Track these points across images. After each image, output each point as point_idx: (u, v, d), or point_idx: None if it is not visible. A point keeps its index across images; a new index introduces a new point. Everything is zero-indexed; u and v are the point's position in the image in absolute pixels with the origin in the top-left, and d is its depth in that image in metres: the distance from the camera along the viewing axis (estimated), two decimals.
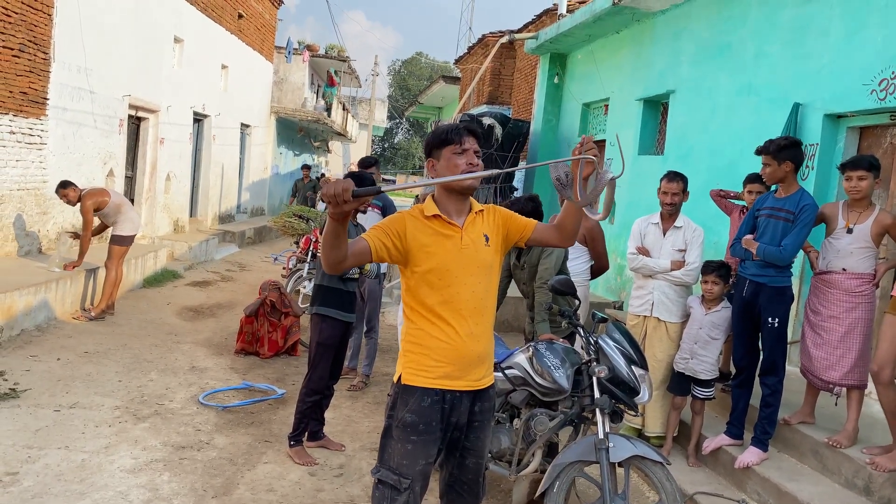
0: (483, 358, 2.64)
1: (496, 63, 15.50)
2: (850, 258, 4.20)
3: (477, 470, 2.75)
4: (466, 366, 2.59)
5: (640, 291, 4.96)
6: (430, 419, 2.57)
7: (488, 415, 2.73)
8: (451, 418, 2.62)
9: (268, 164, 20.48)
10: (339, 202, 2.11)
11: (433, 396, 2.58)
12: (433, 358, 2.58)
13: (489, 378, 2.70)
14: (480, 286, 2.61)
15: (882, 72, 5.15)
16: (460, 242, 2.58)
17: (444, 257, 2.56)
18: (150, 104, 11.36)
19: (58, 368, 5.76)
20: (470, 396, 2.65)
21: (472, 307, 2.58)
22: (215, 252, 13.06)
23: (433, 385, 2.58)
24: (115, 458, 4.23)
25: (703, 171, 7.19)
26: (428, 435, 2.58)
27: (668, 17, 8.32)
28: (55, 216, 8.79)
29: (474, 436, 2.69)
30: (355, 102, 38.26)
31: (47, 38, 8.25)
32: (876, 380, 3.96)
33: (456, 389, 2.60)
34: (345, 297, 4.59)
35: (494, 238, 2.67)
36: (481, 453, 2.74)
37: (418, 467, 2.58)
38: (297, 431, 4.55)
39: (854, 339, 4.20)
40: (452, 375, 2.58)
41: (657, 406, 4.84)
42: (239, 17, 15.80)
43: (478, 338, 2.60)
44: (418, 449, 2.58)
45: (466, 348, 2.58)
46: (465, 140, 2.59)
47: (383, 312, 8.10)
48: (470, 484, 2.76)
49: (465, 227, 2.61)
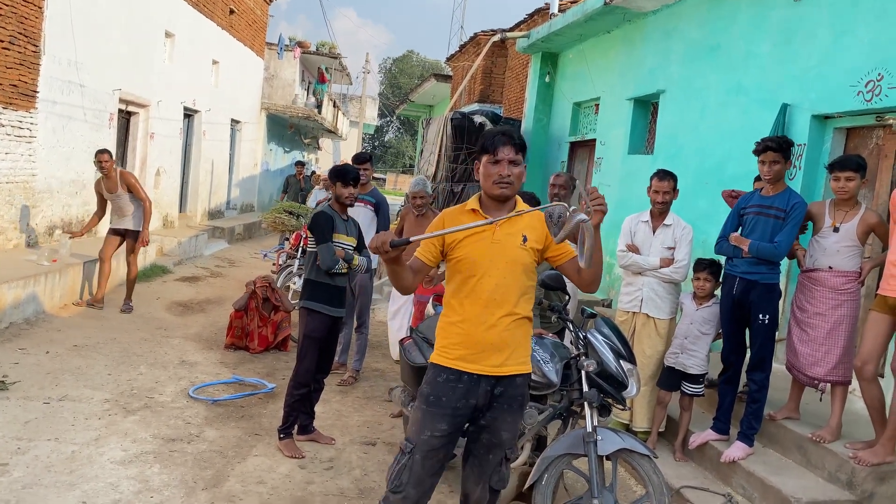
0: (500, 347, 2.78)
1: (488, 61, 15.53)
2: (836, 256, 4.27)
3: (492, 447, 2.85)
4: (480, 352, 2.77)
5: (629, 288, 5.01)
6: (442, 395, 2.79)
7: (511, 400, 2.84)
8: (469, 400, 2.80)
9: (258, 161, 20.43)
10: (382, 252, 2.54)
11: (449, 375, 2.80)
12: (451, 341, 2.82)
13: (514, 367, 2.82)
14: (506, 280, 2.75)
15: (868, 74, 5.22)
16: (492, 236, 2.77)
17: (473, 248, 2.77)
18: (141, 99, 11.33)
19: (47, 361, 5.75)
20: (490, 381, 2.80)
21: (493, 298, 2.75)
22: (205, 248, 13.03)
23: (449, 364, 2.81)
24: (105, 450, 4.24)
25: (693, 171, 7.25)
26: (437, 408, 2.79)
27: (658, 17, 8.37)
28: (44, 210, 8.76)
29: (492, 415, 2.83)
30: (346, 100, 38.19)
31: (37, 30, 8.22)
32: (859, 375, 4.02)
33: (473, 372, 2.78)
34: (333, 291, 4.61)
35: (533, 240, 2.79)
36: (498, 433, 2.84)
37: (423, 436, 2.79)
38: (286, 424, 4.58)
39: (839, 335, 4.26)
40: (467, 359, 2.78)
41: (645, 401, 4.89)
42: (230, 13, 15.76)
43: (492, 326, 2.76)
44: (426, 419, 2.80)
45: (480, 335, 2.76)
46: (499, 150, 2.75)
47: (374, 308, 8.13)
48: (484, 462, 2.86)
49: (501, 223, 2.77)
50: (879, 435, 4.00)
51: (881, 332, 3.96)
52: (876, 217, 4.25)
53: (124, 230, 7.89)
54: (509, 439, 2.87)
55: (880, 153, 5.33)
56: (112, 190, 7.80)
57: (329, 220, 4.61)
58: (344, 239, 4.67)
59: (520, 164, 2.79)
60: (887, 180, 5.20)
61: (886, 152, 5.27)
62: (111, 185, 7.81)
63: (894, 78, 5.00)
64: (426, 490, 2.85)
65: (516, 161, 2.77)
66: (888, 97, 5.04)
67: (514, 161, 2.76)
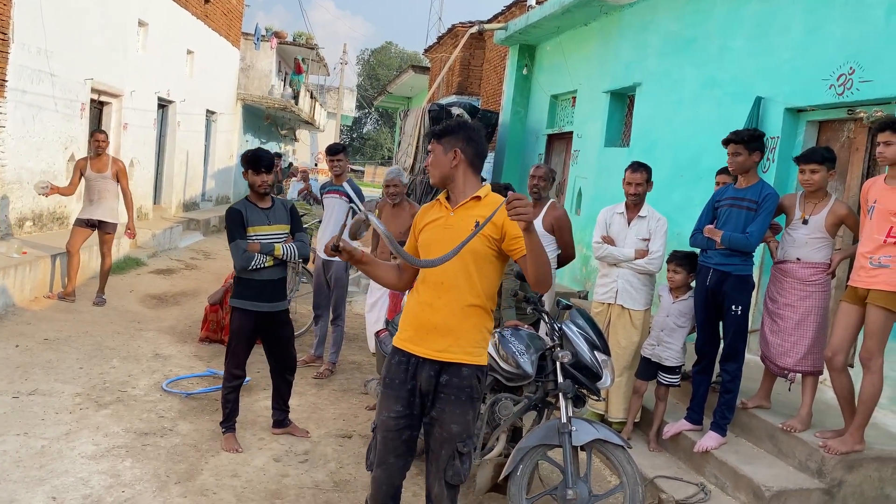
0: (442, 331, 2.79)
1: (465, 53, 15.49)
2: (804, 248, 4.33)
3: (443, 442, 2.82)
4: (424, 333, 2.82)
5: (604, 279, 5.04)
6: (395, 377, 2.88)
7: (457, 391, 2.80)
8: (416, 382, 2.83)
9: (234, 152, 20.21)
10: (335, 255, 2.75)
11: (400, 356, 2.89)
12: (405, 321, 2.93)
13: (459, 355, 2.80)
14: (454, 265, 2.73)
15: (840, 67, 5.28)
16: (445, 222, 2.86)
17: (430, 234, 2.90)
18: (114, 88, 11.14)
19: (16, 355, 5.65)
20: (434, 367, 2.81)
21: (440, 281, 2.79)
22: (179, 240, 12.87)
23: (400, 345, 2.91)
24: (76, 444, 4.18)
25: (668, 163, 7.30)
26: (392, 390, 2.87)
27: (635, 9, 8.40)
28: (14, 201, 8.59)
29: (440, 407, 2.83)
30: (323, 91, 37.93)
31: (6, 18, 8.03)
32: (829, 365, 4.08)
33: (418, 354, 2.84)
34: (261, 286, 4.44)
35: (488, 227, 2.74)
36: (447, 426, 2.81)
37: (382, 417, 2.89)
38: (223, 418, 4.50)
39: (808, 326, 4.33)
40: (414, 340, 2.86)
41: (620, 392, 4.93)
42: (205, 2, 15.54)
43: (436, 310, 2.79)
44: (384, 400, 2.90)
45: (424, 316, 2.83)
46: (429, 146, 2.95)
47: (350, 301, 8.10)
48: (437, 456, 2.84)
49: (457, 210, 2.86)
50: (849, 424, 4.07)
51: (851, 322, 4.02)
52: (845, 208, 4.30)
53: (98, 221, 7.70)
54: (459, 433, 2.81)
55: (851, 146, 5.40)
56: (101, 170, 7.67)
57: (236, 217, 4.40)
58: (266, 230, 4.45)
59: (432, 152, 2.90)
60: (858, 173, 5.27)
61: (857, 145, 5.34)
62: (100, 165, 7.69)
63: (865, 72, 5.06)
64: (393, 472, 2.89)
65: (431, 150, 2.91)
66: (859, 91, 5.10)
67: (431, 150, 2.91)
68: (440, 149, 2.87)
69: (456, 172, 2.87)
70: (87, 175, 7.71)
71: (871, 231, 3.90)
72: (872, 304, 3.86)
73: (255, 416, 4.96)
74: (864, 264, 3.91)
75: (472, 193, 2.86)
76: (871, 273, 3.87)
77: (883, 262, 3.83)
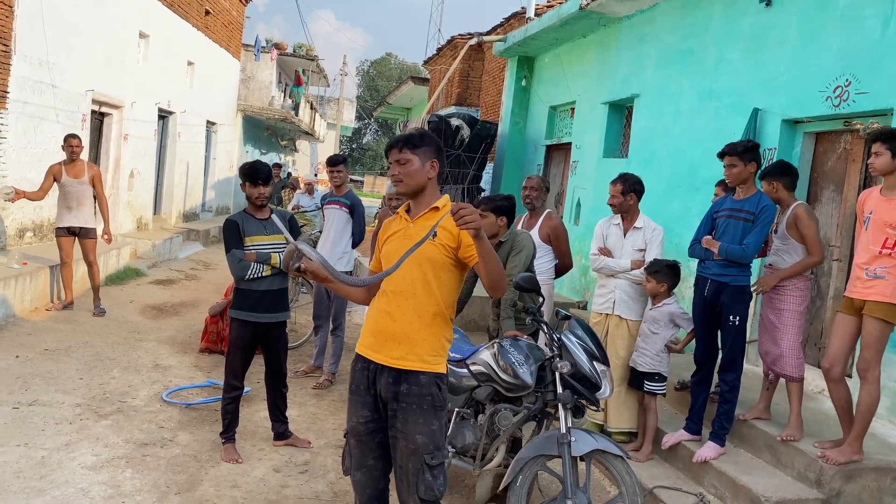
0: (399, 339, 2.81)
1: (465, 65, 15.58)
2: (775, 255, 4.54)
3: (409, 455, 2.78)
4: (383, 340, 2.84)
5: (602, 290, 5.07)
6: (359, 383, 2.92)
7: (417, 399, 2.78)
8: (377, 388, 2.88)
9: (234, 163, 20.27)
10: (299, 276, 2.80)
11: (361, 362, 2.93)
12: (365, 329, 2.95)
13: (416, 363, 2.80)
14: (412, 273, 2.79)
15: (836, 79, 5.33)
16: (405, 233, 2.90)
17: (391, 244, 2.94)
18: (115, 100, 11.20)
19: (16, 366, 5.66)
20: (392, 374, 2.82)
21: (397, 290, 2.82)
22: (179, 250, 12.91)
23: (361, 352, 2.93)
24: (76, 455, 4.19)
25: (666, 174, 7.34)
26: (357, 396, 2.92)
27: (633, 22, 8.47)
28: (14, 211, 8.62)
29: (402, 417, 2.81)
30: (323, 102, 38.04)
31: (8, 30, 8.09)
32: (827, 376, 4.10)
33: (377, 361, 2.86)
34: (257, 297, 4.46)
35: (443, 235, 2.78)
36: (411, 437, 2.77)
37: (352, 422, 2.94)
38: (223, 428, 4.52)
39: (785, 331, 4.47)
40: (373, 347, 2.88)
41: (619, 402, 4.94)
42: (206, 14, 15.64)
43: (395, 318, 2.82)
44: (352, 406, 2.95)
45: (383, 323, 2.85)
46: (389, 155, 2.94)
47: (350, 311, 8.11)
48: (406, 471, 2.80)
49: (416, 221, 2.89)
50: (847, 434, 4.08)
51: (847, 333, 4.04)
52: (801, 209, 4.41)
53: (78, 228, 7.60)
54: (426, 444, 2.76)
55: (848, 157, 5.44)
56: (77, 176, 7.55)
57: (232, 228, 4.45)
58: (263, 240, 4.49)
59: (407, 161, 2.85)
60: (856, 184, 5.31)
61: (854, 156, 5.38)
62: (77, 171, 7.56)
63: (861, 84, 5.11)
64: (374, 474, 2.93)
65: (401, 160, 2.86)
66: (855, 102, 5.14)
67: (399, 160, 2.87)
68: (417, 159, 2.84)
69: (429, 184, 2.89)
70: (63, 181, 7.54)
71: (867, 242, 3.93)
72: (869, 316, 3.88)
73: (255, 427, 4.97)
74: (860, 275, 3.94)
75: (432, 204, 2.89)
76: (868, 284, 3.89)
77: (878, 272, 3.85)
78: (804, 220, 4.36)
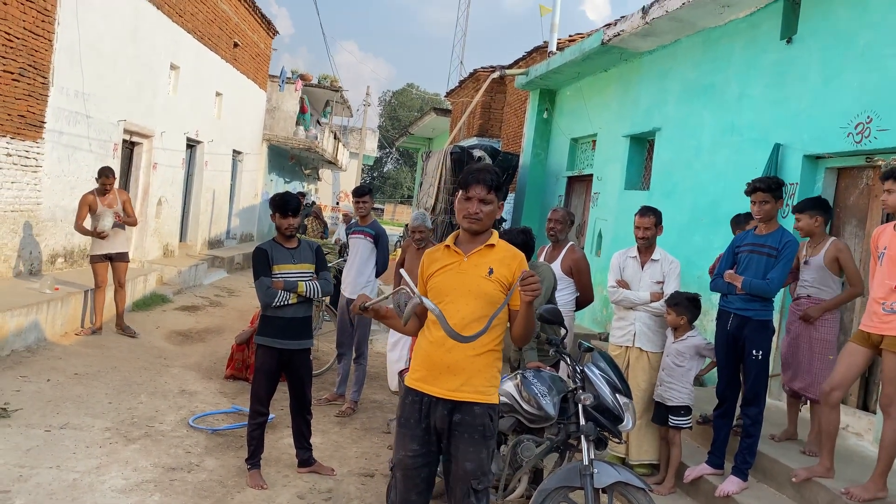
0: (455, 371, 2.88)
1: (486, 97, 15.78)
2: (812, 287, 4.74)
3: (458, 479, 2.90)
4: (437, 374, 2.90)
5: (621, 322, 5.11)
6: (410, 416, 2.97)
7: (470, 429, 2.89)
8: (430, 420, 2.92)
9: (258, 191, 20.59)
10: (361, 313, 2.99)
11: (413, 396, 2.98)
12: (417, 361, 3.01)
13: (470, 394, 2.90)
14: (467, 308, 2.88)
15: (858, 116, 5.37)
16: (459, 267, 2.95)
17: (444, 279, 2.97)
18: (145, 129, 11.49)
19: (48, 389, 5.79)
20: (447, 406, 2.90)
21: (452, 323, 2.84)
22: (204, 277, 13.09)
23: (413, 385, 2.99)
24: (107, 478, 4.28)
25: (688, 207, 7.38)
26: (407, 429, 2.97)
27: (654, 56, 8.58)
28: (47, 238, 8.84)
29: (454, 444, 2.91)
30: (346, 132, 38.55)
31: (47, 63, 8.39)
32: (824, 400, 4.20)
33: (431, 394, 2.92)
34: (283, 323, 4.57)
35: (500, 273, 2.91)
36: (461, 464, 2.89)
37: (400, 455, 2.99)
38: (248, 454, 4.59)
39: (817, 356, 4.65)
40: (427, 380, 2.94)
41: (640, 434, 4.95)
42: (234, 46, 16.03)
43: (448, 350, 2.87)
44: (399, 439, 3.00)
45: (438, 357, 2.91)
46: (471, 188, 2.93)
47: (372, 339, 8.18)
48: (454, 493, 2.93)
49: (471, 256, 2.95)
50: (825, 460, 4.21)
51: (855, 363, 4.09)
52: (842, 244, 4.66)
53: (115, 254, 7.94)
54: (473, 470, 2.89)
55: (870, 193, 5.46)
56: (111, 205, 7.93)
57: (260, 255, 4.58)
58: (291, 268, 4.61)
59: (490, 202, 2.93)
60: (878, 219, 5.32)
61: (876, 192, 5.39)
62: (110, 200, 7.96)
63: (883, 120, 5.15)
64: None
65: (486, 200, 2.92)
66: (877, 139, 5.18)
67: (485, 200, 2.92)
68: (494, 198, 2.94)
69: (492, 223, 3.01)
70: (99, 211, 7.85)
71: (883, 277, 3.97)
72: (888, 351, 3.89)
73: (279, 454, 5.04)
74: (877, 310, 3.96)
75: (487, 241, 2.99)
76: (884, 319, 3.91)
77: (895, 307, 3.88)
78: (846, 253, 4.60)
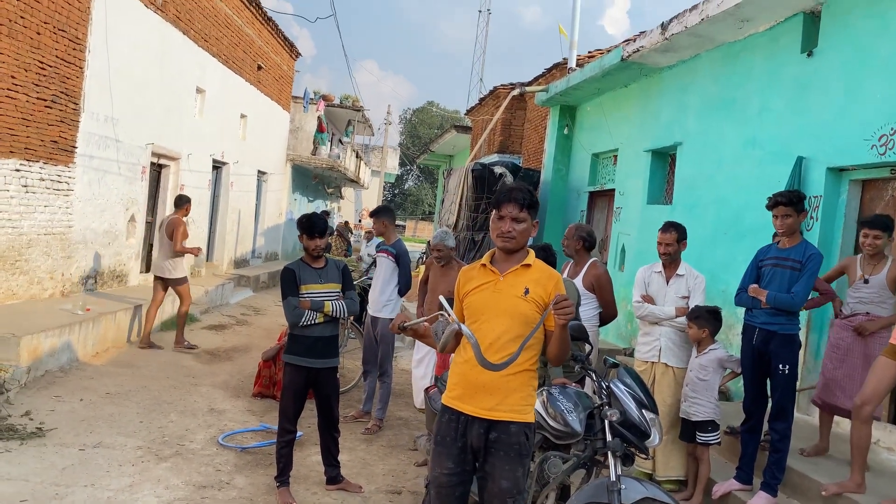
0: (491, 390, 2.91)
1: (507, 114, 15.85)
2: (869, 305, 4.71)
3: (493, 496, 2.94)
4: (473, 392, 2.93)
5: (646, 338, 5.10)
6: (446, 434, 3.01)
7: (506, 447, 2.92)
8: (466, 439, 2.95)
9: (282, 210, 20.82)
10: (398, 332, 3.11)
11: (450, 414, 3.01)
12: (452, 381, 3.05)
13: (506, 413, 2.93)
14: (502, 327, 2.91)
15: (882, 128, 5.36)
16: (495, 287, 2.98)
17: (479, 297, 3.00)
18: (172, 152, 11.71)
19: (81, 409, 5.91)
20: (484, 424, 2.93)
21: (488, 342, 2.88)
22: (231, 296, 13.25)
23: (450, 404, 3.02)
24: (140, 496, 4.36)
25: (710, 221, 7.37)
26: (443, 448, 3.01)
27: (674, 71, 8.60)
28: (78, 260, 9.04)
29: (491, 462, 2.94)
30: (368, 150, 38.89)
31: (78, 89, 8.62)
32: (855, 413, 4.17)
33: (467, 413, 2.94)
34: (310, 342, 4.63)
35: (536, 293, 2.94)
36: (497, 481, 2.92)
37: (435, 473, 3.03)
38: (277, 472, 4.64)
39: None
40: (463, 399, 2.98)
41: (667, 450, 4.93)
42: (258, 69, 16.30)
43: (484, 369, 2.88)
44: (435, 457, 3.05)
45: (474, 376, 2.93)
46: (503, 207, 2.97)
47: (397, 356, 8.23)
48: None
49: (507, 276, 2.98)
50: (855, 474, 4.16)
51: (887, 377, 4.07)
52: None
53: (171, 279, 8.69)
54: (509, 489, 2.92)
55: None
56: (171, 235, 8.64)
57: (288, 276, 4.66)
58: (317, 288, 4.67)
59: (524, 220, 2.97)
60: None
61: None
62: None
63: None
64: None
65: (519, 218, 2.96)
66: None
67: (517, 218, 2.96)
68: (527, 217, 2.98)
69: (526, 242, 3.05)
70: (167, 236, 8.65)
71: None
72: None
73: (307, 471, 5.09)
74: None
75: (523, 261, 3.02)
76: None
77: None
78: None
